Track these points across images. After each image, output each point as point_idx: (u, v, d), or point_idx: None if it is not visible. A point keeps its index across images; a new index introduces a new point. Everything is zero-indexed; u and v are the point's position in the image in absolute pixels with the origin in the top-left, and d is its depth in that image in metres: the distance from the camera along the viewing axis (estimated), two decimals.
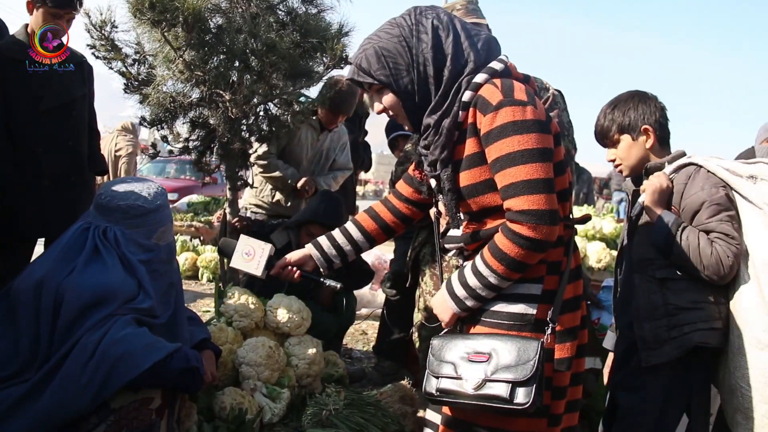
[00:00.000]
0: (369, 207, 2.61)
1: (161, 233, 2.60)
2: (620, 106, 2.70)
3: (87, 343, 2.28)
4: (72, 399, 2.25)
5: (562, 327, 2.11)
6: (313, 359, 3.53)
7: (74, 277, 2.38)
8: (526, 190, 1.96)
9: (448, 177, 2.14)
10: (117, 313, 2.34)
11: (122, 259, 2.46)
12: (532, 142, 1.97)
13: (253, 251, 2.55)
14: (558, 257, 2.14)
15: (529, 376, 1.97)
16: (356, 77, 2.20)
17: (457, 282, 2.16)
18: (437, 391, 2.11)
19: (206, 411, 2.99)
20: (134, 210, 2.52)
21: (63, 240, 2.52)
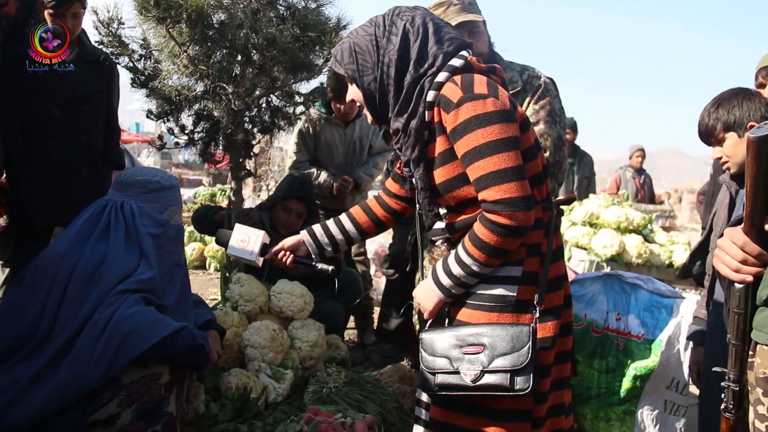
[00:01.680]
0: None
1: (172, 212, 2.76)
2: (724, 104, 2.70)
3: (97, 320, 2.43)
4: (84, 374, 2.40)
5: (546, 306, 2.21)
6: (315, 342, 3.68)
7: (85, 250, 2.55)
8: (496, 180, 2.06)
9: (420, 176, 2.26)
10: (125, 289, 2.48)
11: (128, 229, 2.62)
12: (495, 133, 2.07)
13: (248, 238, 2.68)
14: (538, 239, 2.25)
15: (526, 362, 2.09)
16: (333, 67, 2.35)
17: (441, 271, 2.27)
18: (436, 386, 2.24)
19: (213, 391, 3.13)
20: (151, 185, 2.70)
21: (83, 217, 2.69)
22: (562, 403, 2.39)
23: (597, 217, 5.77)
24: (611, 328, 3.41)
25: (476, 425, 2.24)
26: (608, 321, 3.44)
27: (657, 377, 3.31)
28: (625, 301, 3.52)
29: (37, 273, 2.63)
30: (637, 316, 3.46)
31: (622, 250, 5.45)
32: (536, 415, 2.25)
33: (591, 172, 9.12)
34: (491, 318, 2.21)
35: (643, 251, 5.48)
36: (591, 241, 5.55)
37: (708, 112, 2.74)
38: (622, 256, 5.45)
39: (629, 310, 3.50)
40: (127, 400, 2.50)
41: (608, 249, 5.39)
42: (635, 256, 5.46)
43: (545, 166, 2.35)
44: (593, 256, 5.47)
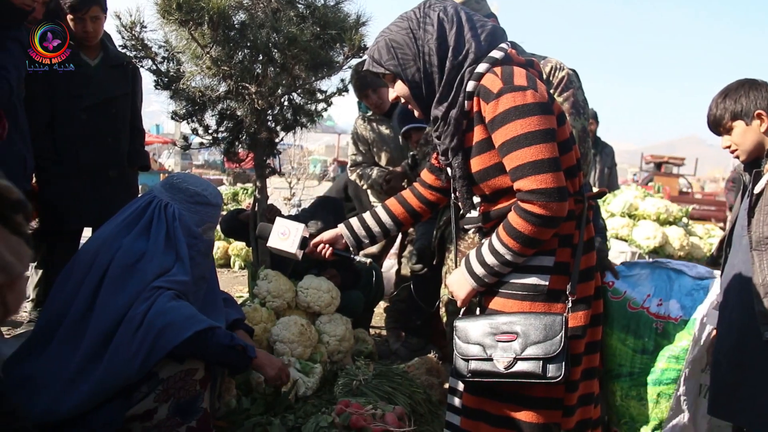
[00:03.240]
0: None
1: (207, 227, 2.82)
2: (731, 94, 2.75)
3: (134, 315, 2.49)
4: (123, 367, 2.46)
5: (576, 296, 2.24)
6: (343, 336, 3.73)
7: (126, 242, 2.62)
8: (533, 170, 2.09)
9: (458, 164, 2.28)
10: (160, 286, 2.54)
11: (169, 232, 2.68)
12: (534, 124, 2.10)
13: (288, 231, 2.72)
14: (570, 230, 2.27)
15: (558, 351, 2.13)
16: (371, 68, 2.36)
17: (475, 260, 2.30)
18: (469, 373, 2.27)
19: (244, 386, 3.19)
20: (198, 197, 2.76)
21: (130, 208, 2.76)
22: (591, 392, 2.42)
23: (635, 208, 5.73)
24: (651, 311, 3.39)
25: (508, 412, 2.28)
26: (648, 303, 3.44)
27: (693, 360, 3.30)
28: (669, 288, 3.51)
29: (77, 259, 2.70)
30: (678, 300, 3.45)
31: (664, 242, 5.40)
32: (567, 404, 2.28)
33: (612, 163, 9.09)
34: (523, 307, 2.24)
35: (685, 243, 5.44)
36: (632, 233, 5.51)
37: (716, 102, 2.78)
38: (664, 248, 5.40)
39: (671, 295, 3.49)
40: (164, 395, 2.56)
41: (651, 241, 5.36)
42: (678, 248, 5.42)
43: (578, 159, 2.37)
44: (634, 247, 5.43)
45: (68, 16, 3.99)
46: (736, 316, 2.63)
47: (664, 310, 3.43)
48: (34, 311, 4.53)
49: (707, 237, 5.87)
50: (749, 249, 2.65)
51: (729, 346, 2.66)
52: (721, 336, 2.74)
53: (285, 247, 2.73)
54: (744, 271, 2.65)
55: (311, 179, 16.89)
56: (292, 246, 2.72)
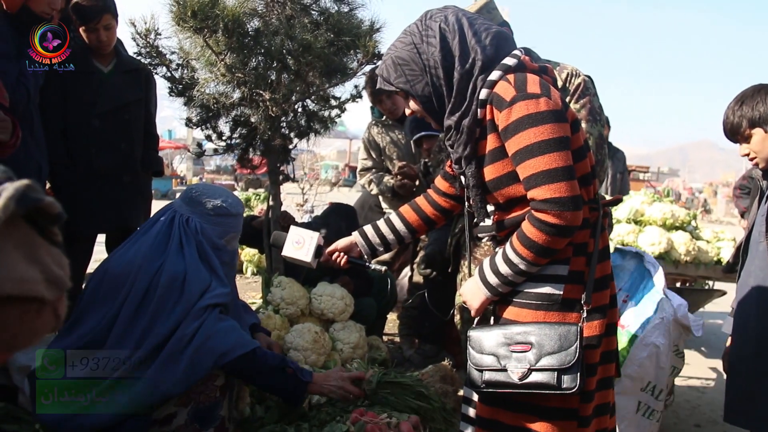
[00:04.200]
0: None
1: (231, 238, 2.83)
2: (747, 101, 2.71)
3: (183, 335, 2.52)
4: (167, 383, 2.48)
5: (591, 305, 2.21)
6: (357, 343, 3.72)
7: (166, 263, 2.62)
8: (547, 179, 2.07)
9: (472, 173, 2.27)
10: (208, 304, 2.57)
11: (198, 248, 2.69)
12: (547, 132, 2.07)
13: (303, 240, 2.71)
14: (584, 239, 2.24)
15: (573, 362, 2.10)
16: (383, 86, 2.36)
17: (488, 269, 2.28)
18: (483, 383, 2.25)
19: (258, 394, 3.17)
20: (219, 209, 2.75)
21: (154, 226, 2.75)
22: (607, 402, 2.39)
23: (642, 214, 5.69)
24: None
25: (523, 422, 2.26)
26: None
27: (628, 376, 3.24)
28: (639, 286, 3.52)
29: (108, 281, 2.67)
30: (636, 302, 3.45)
31: (670, 247, 5.35)
32: (582, 414, 2.25)
33: (624, 168, 9.06)
34: (538, 316, 2.22)
35: (691, 248, 5.35)
36: (637, 239, 5.47)
37: (732, 110, 2.74)
38: (670, 254, 5.34)
39: (635, 296, 3.48)
40: (185, 398, 2.58)
41: (656, 247, 5.31)
42: (683, 254, 5.33)
43: (593, 166, 2.35)
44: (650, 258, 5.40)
45: (81, 28, 4.01)
46: (754, 323, 2.61)
47: (623, 309, 3.41)
48: None
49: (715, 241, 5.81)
50: (767, 255, 2.64)
51: (746, 353, 2.63)
52: (738, 343, 2.72)
53: (300, 256, 2.72)
54: (762, 278, 2.63)
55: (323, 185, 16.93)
56: (306, 255, 2.71)
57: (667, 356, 3.28)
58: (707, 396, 4.97)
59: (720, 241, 5.80)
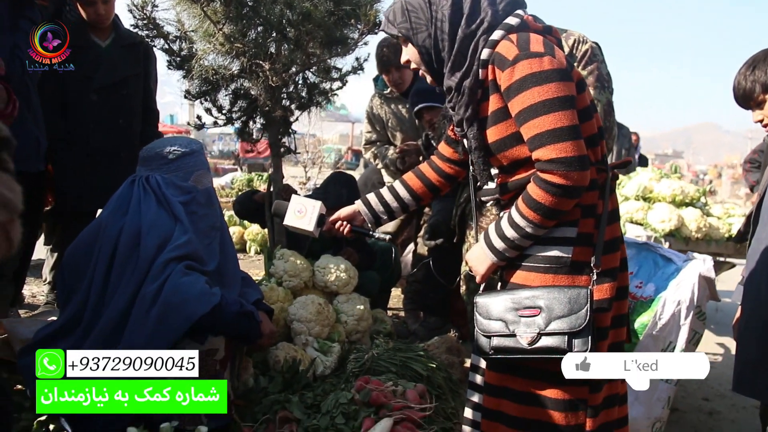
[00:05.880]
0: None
1: (198, 176, 2.75)
2: (760, 65, 2.63)
3: (145, 294, 2.47)
4: (141, 346, 2.39)
5: (600, 268, 2.17)
6: (361, 315, 3.68)
7: (126, 224, 2.59)
8: (551, 139, 2.02)
9: (474, 135, 2.23)
10: (168, 258, 2.51)
11: (158, 198, 2.64)
12: (552, 91, 2.03)
13: (305, 209, 2.67)
14: (592, 200, 2.20)
15: (584, 325, 2.06)
16: (385, 28, 2.33)
17: (494, 234, 2.24)
18: (491, 350, 2.20)
19: (261, 365, 3.14)
20: (171, 154, 2.70)
21: (116, 193, 2.73)
22: None
23: (650, 191, 5.60)
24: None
25: (533, 388, 2.22)
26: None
27: (651, 335, 3.24)
28: (653, 273, 3.46)
29: (77, 253, 2.67)
30: (655, 284, 3.41)
31: (680, 224, 5.26)
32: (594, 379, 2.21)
33: (630, 144, 9.04)
34: (546, 280, 2.18)
35: (702, 225, 5.26)
36: (647, 216, 5.39)
37: (744, 75, 2.68)
38: (680, 231, 5.25)
39: (652, 279, 3.44)
40: None
41: (666, 224, 5.23)
42: (694, 230, 5.25)
43: (600, 127, 2.30)
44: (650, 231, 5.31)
45: (78, 2, 3.96)
46: (765, 291, 2.56)
47: (641, 292, 3.39)
48: (51, 294, 4.51)
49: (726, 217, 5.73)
50: None
51: (756, 322, 2.58)
52: (747, 313, 2.67)
53: (302, 225, 2.67)
54: None
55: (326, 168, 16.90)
56: (309, 224, 2.67)
57: (690, 317, 3.24)
58: (716, 371, 4.92)
59: (730, 217, 5.73)
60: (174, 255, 2.54)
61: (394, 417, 2.49)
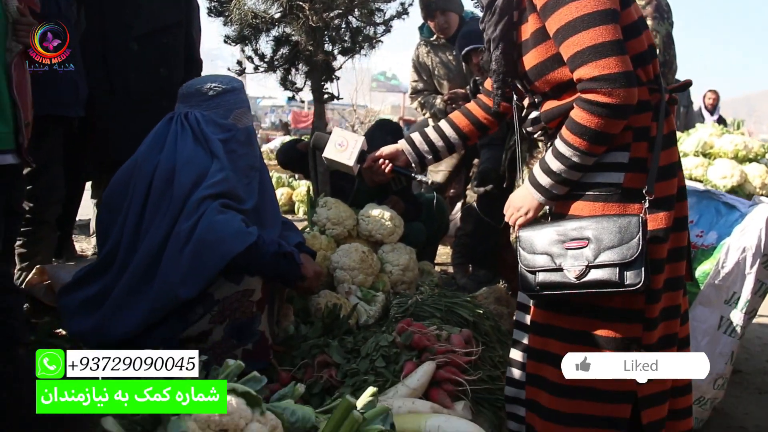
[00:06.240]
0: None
1: (238, 114, 2.68)
2: None
3: (180, 232, 2.40)
4: (173, 287, 2.37)
5: (656, 196, 2.00)
6: (406, 265, 3.56)
7: (161, 160, 2.54)
8: (593, 56, 1.87)
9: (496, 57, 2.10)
10: (204, 196, 2.43)
11: (196, 135, 2.58)
12: (590, 5, 1.87)
13: (346, 142, 2.55)
14: (645, 122, 2.02)
15: (636, 255, 1.90)
16: None
17: (539, 171, 2.09)
18: (537, 286, 2.07)
19: (302, 313, 3.06)
20: (212, 90, 2.64)
21: (153, 130, 2.70)
22: (677, 305, 2.16)
23: (711, 147, 5.33)
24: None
25: (582, 326, 2.07)
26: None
27: (713, 285, 3.05)
28: (714, 221, 3.28)
29: (114, 192, 2.64)
30: (717, 231, 3.23)
31: (743, 180, 4.99)
32: (648, 316, 2.03)
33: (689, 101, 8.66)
34: (595, 209, 2.02)
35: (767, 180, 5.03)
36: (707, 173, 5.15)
37: None
38: (743, 187, 4.98)
39: (713, 228, 3.25)
40: (219, 316, 2.47)
41: (728, 180, 4.95)
42: (759, 187, 4.97)
43: (651, 45, 2.11)
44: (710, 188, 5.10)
45: None
46: None
47: (701, 241, 3.21)
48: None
49: None
50: None
51: None
52: None
53: (342, 159, 2.55)
54: None
55: None
56: (349, 158, 2.54)
57: (756, 265, 3.03)
58: None
59: None
60: (209, 192, 2.47)
61: (437, 360, 2.36)
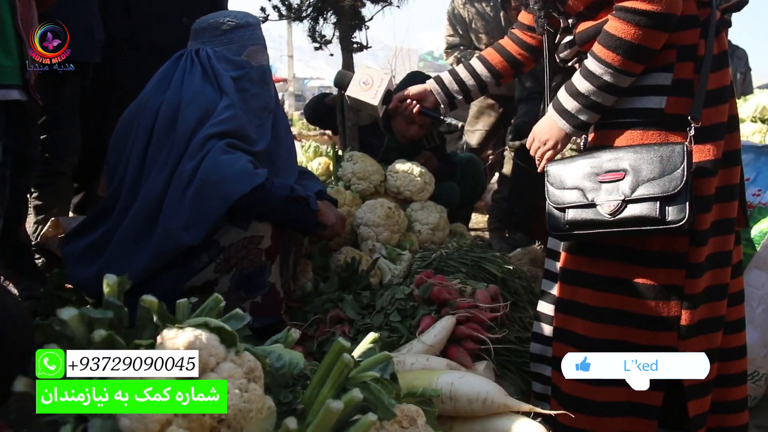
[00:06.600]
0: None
1: (252, 52, 2.50)
2: None
3: (182, 172, 2.23)
4: (177, 230, 2.21)
5: (702, 124, 1.75)
6: (437, 225, 3.35)
7: (167, 96, 2.37)
8: None
9: None
10: (209, 134, 2.25)
11: (206, 71, 2.40)
12: None
13: (372, 80, 2.37)
14: (692, 40, 1.78)
15: (679, 187, 1.67)
16: None
17: (565, 95, 1.87)
18: (566, 225, 1.84)
19: (322, 270, 2.87)
20: (225, 25, 2.47)
21: (161, 68, 2.52)
22: (727, 251, 1.90)
23: None
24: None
25: (615, 272, 1.84)
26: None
27: None
28: None
29: (119, 133, 2.49)
30: None
31: None
32: (692, 261, 1.79)
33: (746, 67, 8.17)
34: (633, 137, 1.79)
35: None
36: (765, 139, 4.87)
37: None
38: None
39: None
40: (225, 264, 2.30)
41: None
42: None
43: None
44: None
45: None
46: None
47: (759, 199, 2.97)
48: None
49: None
50: None
51: None
52: None
53: (366, 98, 2.36)
54: None
55: None
56: (374, 98, 2.35)
57: None
58: None
59: None
60: (215, 131, 2.28)
61: (457, 316, 2.15)
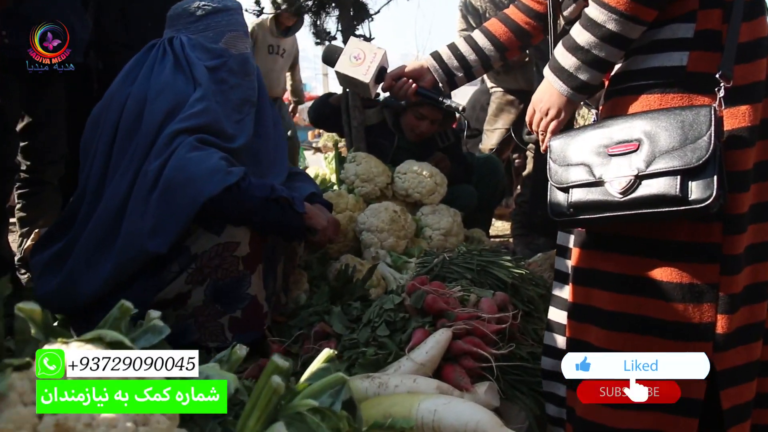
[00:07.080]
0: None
1: (232, 38, 2.26)
2: None
3: (147, 172, 2.01)
4: (140, 236, 1.99)
5: (734, 83, 1.43)
6: (449, 230, 3.05)
7: (134, 89, 2.15)
8: None
9: None
10: (177, 130, 2.03)
11: (178, 60, 2.18)
12: None
13: (363, 55, 2.12)
14: None
15: (705, 158, 1.35)
16: None
17: (562, 50, 1.57)
18: (569, 207, 1.54)
19: (319, 280, 2.60)
20: (198, 10, 2.23)
21: (130, 61, 2.30)
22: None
23: None
24: None
25: (635, 269, 1.52)
26: None
27: None
28: None
29: (86, 133, 2.27)
30: None
31: None
32: (728, 252, 1.45)
33: None
34: (649, 102, 1.49)
35: None
36: None
37: None
38: None
39: None
40: (198, 275, 2.06)
41: None
42: None
43: None
44: None
45: None
46: None
47: None
48: None
49: None
50: None
51: None
52: None
53: (356, 74, 2.11)
54: None
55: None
56: (365, 74, 2.10)
57: None
58: None
59: None
60: (185, 126, 2.05)
61: (454, 328, 1.83)
